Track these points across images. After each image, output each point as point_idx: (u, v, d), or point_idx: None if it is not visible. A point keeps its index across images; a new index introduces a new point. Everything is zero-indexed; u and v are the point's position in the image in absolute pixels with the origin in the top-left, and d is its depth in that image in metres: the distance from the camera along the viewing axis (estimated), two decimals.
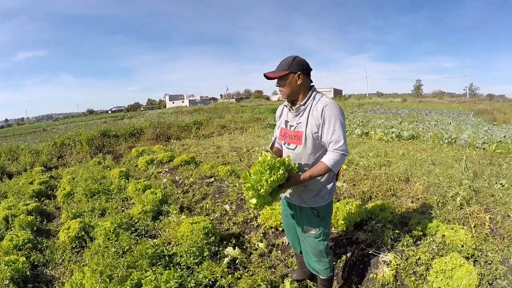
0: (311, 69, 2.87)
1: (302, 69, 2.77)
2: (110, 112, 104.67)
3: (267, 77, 2.82)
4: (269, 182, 2.56)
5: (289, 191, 3.02)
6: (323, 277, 3.23)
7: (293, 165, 2.76)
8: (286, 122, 2.99)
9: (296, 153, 2.87)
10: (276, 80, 2.84)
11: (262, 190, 2.59)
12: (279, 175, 2.59)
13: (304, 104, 2.80)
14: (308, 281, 3.68)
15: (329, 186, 2.94)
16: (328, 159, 2.68)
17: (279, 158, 2.74)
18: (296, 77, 2.75)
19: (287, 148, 2.98)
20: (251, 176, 2.68)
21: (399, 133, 11.89)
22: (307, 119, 2.77)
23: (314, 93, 2.84)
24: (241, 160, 8.64)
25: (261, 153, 2.76)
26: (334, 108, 2.70)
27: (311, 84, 2.89)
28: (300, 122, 2.82)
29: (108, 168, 9.72)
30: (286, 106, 3.01)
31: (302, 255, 3.40)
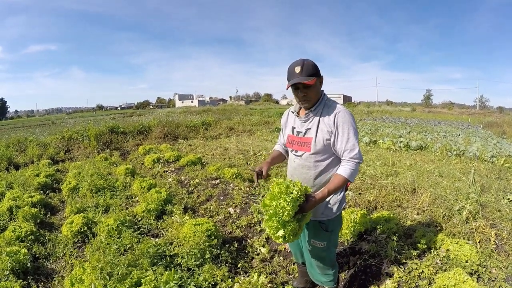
0: None
1: (320, 73, 2.69)
2: (119, 108, 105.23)
3: (298, 85, 2.65)
4: (289, 201, 2.39)
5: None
6: None
7: (305, 186, 2.58)
8: (293, 128, 2.90)
9: (303, 160, 2.79)
10: (290, 88, 2.71)
11: (285, 214, 2.41)
12: (296, 193, 2.43)
13: (314, 110, 2.73)
14: None
15: (339, 196, 2.84)
16: (344, 170, 2.59)
17: (289, 179, 2.64)
18: (319, 82, 2.69)
19: (294, 155, 2.90)
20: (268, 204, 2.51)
21: (408, 143, 11.82)
22: (318, 125, 2.69)
23: (325, 98, 2.76)
24: (247, 163, 8.63)
25: (273, 183, 2.57)
26: (347, 115, 2.63)
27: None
28: (310, 128, 2.74)
29: (115, 165, 9.78)
30: (293, 113, 2.93)
31: (305, 266, 3.38)
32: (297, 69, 2.61)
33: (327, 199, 2.78)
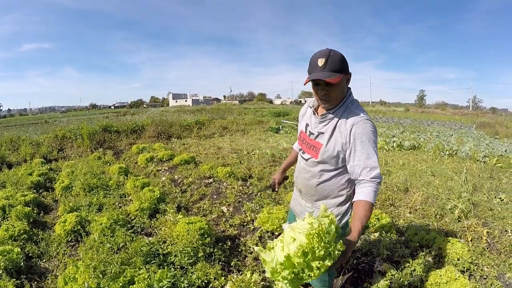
0: None
1: (349, 70, 2.31)
2: (113, 107, 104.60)
3: (318, 81, 2.23)
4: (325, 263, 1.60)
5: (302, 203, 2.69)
6: None
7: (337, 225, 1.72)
8: (307, 125, 2.57)
9: (308, 165, 2.52)
10: (311, 84, 2.30)
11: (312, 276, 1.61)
12: (334, 249, 1.63)
13: (333, 112, 2.35)
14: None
15: (342, 209, 2.52)
16: (368, 195, 2.13)
17: (325, 219, 1.71)
18: (345, 80, 2.29)
19: (301, 156, 2.62)
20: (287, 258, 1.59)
21: (401, 142, 11.89)
22: (333, 131, 2.34)
23: (349, 100, 2.36)
24: (241, 162, 8.64)
25: (303, 218, 1.73)
26: (368, 126, 2.23)
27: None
28: (323, 133, 2.39)
29: (108, 164, 9.74)
30: (311, 108, 2.54)
31: None
32: (320, 62, 2.17)
33: (328, 202, 2.50)
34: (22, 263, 3.95)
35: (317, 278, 2.00)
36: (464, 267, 3.45)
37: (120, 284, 3.20)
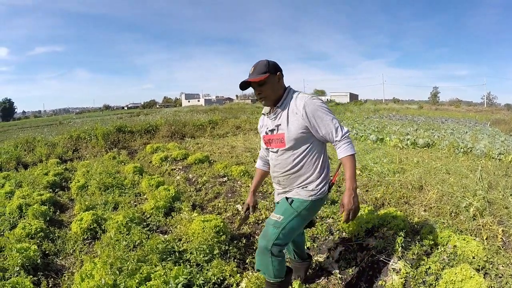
0: None
1: (280, 70, 2.75)
2: (126, 108, 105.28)
3: (246, 83, 2.73)
4: None
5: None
6: (268, 280, 2.85)
7: None
8: (266, 128, 2.91)
9: (280, 155, 2.80)
10: (250, 87, 2.78)
11: None
12: None
13: (280, 105, 2.74)
14: None
15: (320, 182, 2.77)
16: (346, 150, 2.59)
17: None
18: (276, 78, 2.71)
19: (271, 152, 2.92)
20: None
21: (415, 140, 11.78)
22: (287, 118, 2.69)
23: (291, 92, 2.77)
24: (254, 161, 8.64)
25: None
26: (316, 101, 2.63)
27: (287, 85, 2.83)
28: (280, 124, 2.75)
29: (123, 163, 9.85)
30: (264, 115, 2.94)
31: (295, 261, 3.50)
32: (251, 70, 2.71)
33: (306, 180, 2.77)
34: (39, 260, 4.02)
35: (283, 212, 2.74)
36: (479, 266, 3.41)
37: (137, 280, 3.22)
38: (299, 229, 2.92)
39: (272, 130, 2.82)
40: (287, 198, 2.79)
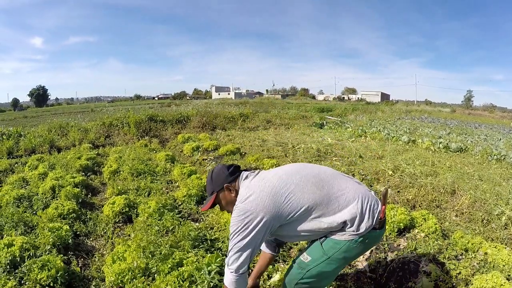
0: (232, 169, 2.46)
1: (225, 181, 2.41)
2: (156, 98, 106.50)
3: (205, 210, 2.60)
4: None
5: None
6: None
7: None
8: None
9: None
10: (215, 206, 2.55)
11: None
12: None
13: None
14: None
15: (358, 223, 2.25)
16: (225, 277, 2.37)
17: None
18: (225, 191, 2.41)
19: None
20: None
21: (447, 144, 11.45)
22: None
23: (238, 199, 2.35)
24: (286, 156, 8.53)
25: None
26: (235, 214, 2.29)
27: (234, 176, 2.45)
28: None
29: (154, 151, 9.89)
30: None
31: None
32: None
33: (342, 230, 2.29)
34: (70, 240, 4.03)
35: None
36: (509, 275, 3.30)
37: (169, 265, 3.20)
38: (333, 275, 2.57)
39: None
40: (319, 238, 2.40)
